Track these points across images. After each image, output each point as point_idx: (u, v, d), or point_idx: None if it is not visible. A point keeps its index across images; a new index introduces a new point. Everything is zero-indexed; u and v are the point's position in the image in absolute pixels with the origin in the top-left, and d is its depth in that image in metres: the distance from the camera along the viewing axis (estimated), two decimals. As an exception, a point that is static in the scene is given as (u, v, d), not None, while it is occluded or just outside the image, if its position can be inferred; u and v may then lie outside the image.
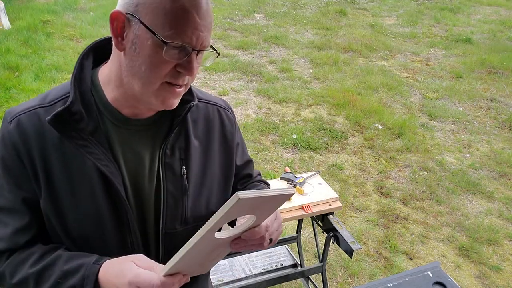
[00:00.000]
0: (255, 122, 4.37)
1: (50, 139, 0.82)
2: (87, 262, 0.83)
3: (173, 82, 0.80)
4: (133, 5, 0.76)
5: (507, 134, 4.47)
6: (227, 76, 5.54)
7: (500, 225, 3.16)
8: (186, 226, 0.95)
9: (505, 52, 6.77)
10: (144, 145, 0.90)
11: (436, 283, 1.33)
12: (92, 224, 0.85)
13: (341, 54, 6.45)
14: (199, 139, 0.97)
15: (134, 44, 0.77)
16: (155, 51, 0.76)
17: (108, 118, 0.86)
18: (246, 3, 9.21)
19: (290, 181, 2.15)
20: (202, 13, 0.76)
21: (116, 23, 0.78)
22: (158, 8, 0.74)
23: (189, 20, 0.75)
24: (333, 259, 2.76)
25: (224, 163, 1.03)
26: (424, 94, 5.33)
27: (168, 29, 0.75)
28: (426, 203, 3.37)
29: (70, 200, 0.84)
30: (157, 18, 0.74)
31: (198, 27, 0.76)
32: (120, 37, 0.78)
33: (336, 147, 4.07)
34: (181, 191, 0.93)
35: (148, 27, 0.75)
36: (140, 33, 0.76)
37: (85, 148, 0.81)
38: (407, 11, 9.31)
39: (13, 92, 4.59)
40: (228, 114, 1.05)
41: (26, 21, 6.69)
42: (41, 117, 0.82)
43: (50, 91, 0.88)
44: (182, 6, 0.74)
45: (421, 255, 2.86)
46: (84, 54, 0.87)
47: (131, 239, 0.89)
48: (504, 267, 2.78)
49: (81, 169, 0.83)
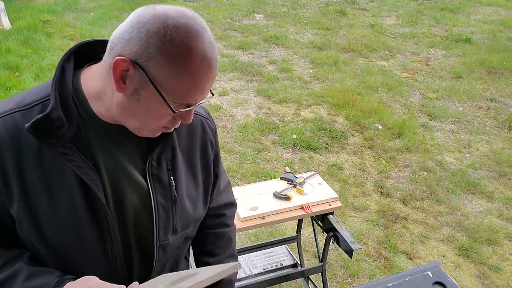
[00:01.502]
0: (255, 122, 4.38)
1: (26, 146, 0.78)
2: (47, 283, 0.81)
3: (169, 127, 0.82)
4: (145, 58, 0.71)
5: (507, 134, 4.47)
6: (227, 76, 5.54)
7: (500, 225, 3.16)
8: (176, 235, 0.96)
9: (505, 52, 6.77)
10: (126, 154, 0.87)
11: (436, 283, 1.34)
12: (71, 233, 0.83)
13: (341, 54, 6.45)
14: (182, 149, 0.96)
15: (137, 94, 0.75)
16: (161, 108, 0.75)
17: (90, 125, 0.83)
18: (246, 3, 9.21)
19: (290, 181, 2.16)
20: (213, 78, 0.76)
21: (119, 68, 0.73)
22: (172, 72, 0.71)
23: (200, 88, 0.75)
24: (333, 259, 2.76)
25: (204, 171, 1.03)
26: (424, 94, 5.33)
27: (177, 94, 0.74)
28: (426, 203, 3.37)
29: (48, 209, 0.81)
30: (168, 81, 0.72)
31: (206, 89, 0.76)
32: (121, 81, 0.74)
33: (336, 147, 4.07)
34: (170, 201, 0.92)
35: (157, 89, 0.72)
36: (146, 87, 0.73)
37: (65, 156, 0.78)
38: (407, 11, 9.31)
39: (13, 92, 4.59)
40: (209, 123, 1.05)
41: (26, 21, 6.70)
42: (18, 122, 0.78)
43: (26, 93, 0.84)
44: (196, 74, 0.73)
45: (421, 255, 2.86)
46: (66, 57, 0.83)
47: (111, 246, 0.87)
48: (504, 267, 2.78)
49: (60, 177, 0.80)
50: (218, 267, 0.78)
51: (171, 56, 0.70)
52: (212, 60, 0.74)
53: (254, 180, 3.44)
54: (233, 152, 3.86)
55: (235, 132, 4.20)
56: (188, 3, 9.09)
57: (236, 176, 3.52)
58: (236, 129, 4.25)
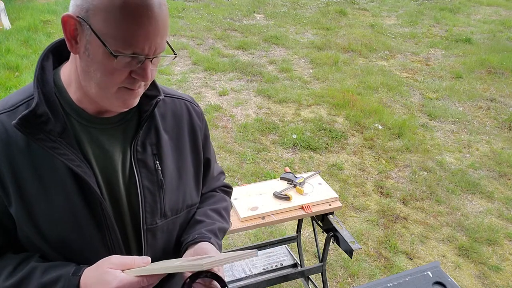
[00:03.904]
0: (255, 122, 4.38)
1: (16, 145, 0.80)
2: (65, 273, 0.81)
3: (129, 87, 0.81)
4: (84, 10, 0.73)
5: (507, 134, 4.47)
6: (227, 76, 5.55)
7: (500, 225, 3.16)
8: (166, 219, 0.96)
9: (505, 52, 6.77)
10: (113, 143, 0.89)
11: (436, 283, 1.33)
12: (68, 226, 0.84)
13: (341, 54, 6.45)
14: (169, 134, 0.97)
15: (87, 50, 0.76)
16: (107, 60, 0.75)
17: (75, 118, 0.85)
18: (246, 3, 9.21)
19: (290, 181, 2.16)
20: (154, 19, 0.74)
21: (68, 26, 0.75)
22: (108, 17, 0.72)
23: (140, 29, 0.73)
24: (333, 259, 2.76)
25: (194, 156, 1.04)
26: (424, 94, 5.33)
27: (119, 39, 0.73)
28: (426, 203, 3.37)
29: (44, 204, 0.82)
30: (107, 28, 0.73)
31: (149, 36, 0.75)
32: (73, 40, 0.77)
33: (336, 147, 4.07)
34: (157, 185, 0.93)
35: (98, 36, 0.73)
36: (91, 40, 0.74)
37: (55, 150, 0.79)
38: (407, 11, 9.31)
39: (13, 92, 4.59)
40: (194, 107, 1.05)
41: (26, 21, 6.70)
42: (5, 123, 0.80)
43: (10, 96, 0.85)
44: (133, 15, 0.72)
45: (421, 255, 2.86)
46: (44, 55, 0.85)
47: (109, 237, 0.88)
48: (504, 267, 2.78)
49: (52, 172, 0.81)
50: (236, 252, 0.79)
51: (107, 0, 0.72)
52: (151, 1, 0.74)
53: (254, 180, 3.44)
54: (233, 152, 3.86)
55: (235, 132, 4.20)
56: (188, 3, 9.09)
57: (236, 176, 3.52)
58: (236, 129, 4.25)
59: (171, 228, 0.99)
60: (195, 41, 6.83)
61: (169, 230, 0.99)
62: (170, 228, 0.99)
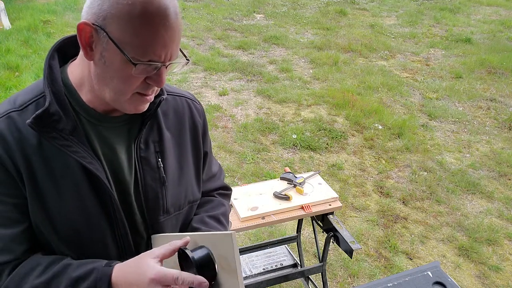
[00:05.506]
0: (255, 122, 4.38)
1: (28, 143, 0.82)
2: (98, 265, 0.84)
3: (143, 93, 0.83)
4: (101, 18, 0.74)
5: (507, 134, 4.47)
6: (227, 76, 5.55)
7: (500, 225, 3.16)
8: (169, 215, 0.99)
9: (505, 52, 6.77)
10: (120, 141, 0.91)
11: (436, 283, 1.34)
12: (81, 221, 0.86)
13: (341, 54, 6.45)
14: (171, 131, 1.00)
15: (103, 57, 0.77)
16: (125, 67, 0.77)
17: (84, 117, 0.87)
18: (246, 3, 9.21)
19: (290, 181, 2.16)
20: (171, 28, 0.76)
21: (83, 33, 0.76)
22: (126, 25, 0.73)
23: (158, 38, 0.75)
24: (333, 259, 2.76)
25: (195, 153, 1.06)
26: (424, 94, 5.33)
27: (137, 47, 0.75)
28: (426, 203, 3.37)
29: (56, 201, 0.84)
30: (125, 35, 0.74)
31: (167, 44, 0.77)
32: (88, 48, 0.78)
33: (336, 147, 4.07)
34: (159, 182, 0.95)
35: (117, 44, 0.74)
36: (108, 47, 0.76)
37: (68, 148, 0.82)
38: (407, 11, 9.31)
39: (13, 92, 4.59)
40: (196, 105, 1.08)
41: (26, 21, 6.70)
42: (16, 121, 0.82)
43: (16, 95, 0.87)
44: (151, 24, 0.74)
45: (421, 255, 2.86)
46: (50, 55, 0.87)
47: (118, 231, 0.91)
48: (504, 267, 2.78)
49: (64, 169, 0.83)
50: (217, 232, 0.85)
51: (125, 9, 0.73)
52: (168, 9, 0.75)
53: (254, 180, 3.44)
54: (233, 152, 3.86)
55: (235, 132, 4.20)
56: (188, 3, 9.09)
57: (236, 176, 3.52)
58: (236, 129, 4.25)
59: (174, 224, 1.02)
60: (195, 41, 6.84)
61: (172, 226, 1.01)
62: (173, 224, 1.01)
